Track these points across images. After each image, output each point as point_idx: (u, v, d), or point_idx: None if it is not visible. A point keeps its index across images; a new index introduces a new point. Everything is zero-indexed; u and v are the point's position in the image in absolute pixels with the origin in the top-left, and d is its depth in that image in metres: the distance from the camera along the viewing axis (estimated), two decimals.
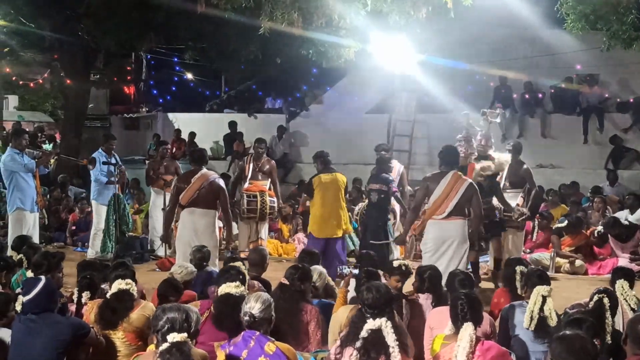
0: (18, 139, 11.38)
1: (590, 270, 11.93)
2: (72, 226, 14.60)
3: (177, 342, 4.39)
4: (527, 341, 6.00)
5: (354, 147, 18.62)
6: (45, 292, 5.50)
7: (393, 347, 4.75)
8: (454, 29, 16.38)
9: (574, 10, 11.40)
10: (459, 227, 8.68)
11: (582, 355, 4.26)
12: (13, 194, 11.18)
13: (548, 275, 6.54)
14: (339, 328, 5.98)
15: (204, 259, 8.33)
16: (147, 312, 6.02)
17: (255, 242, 11.69)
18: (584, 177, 16.75)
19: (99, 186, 12.36)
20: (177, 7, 14.02)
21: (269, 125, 20.91)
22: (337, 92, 21.72)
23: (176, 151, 21.31)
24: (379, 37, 13.28)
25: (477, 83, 19.89)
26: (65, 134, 20.85)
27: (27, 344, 5.38)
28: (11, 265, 7.77)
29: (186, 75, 26.21)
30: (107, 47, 18.26)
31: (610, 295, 6.07)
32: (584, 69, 18.74)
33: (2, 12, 17.20)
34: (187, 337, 4.47)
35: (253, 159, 12.11)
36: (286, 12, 10.92)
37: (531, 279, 6.34)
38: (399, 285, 7.08)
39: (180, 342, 4.40)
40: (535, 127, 18.38)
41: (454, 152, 9.35)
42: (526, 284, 6.43)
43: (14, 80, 25.54)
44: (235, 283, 6.01)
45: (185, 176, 9.92)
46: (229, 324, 5.59)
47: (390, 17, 11.43)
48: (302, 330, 6.35)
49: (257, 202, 11.76)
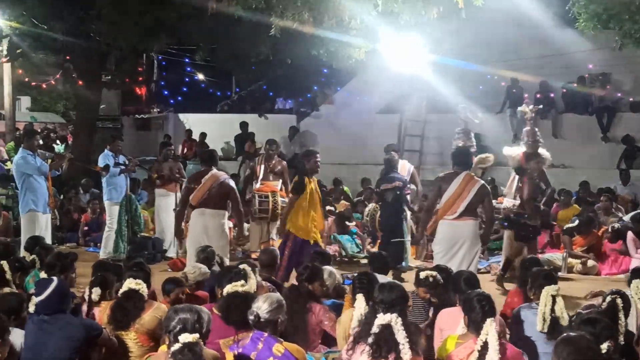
0: (30, 140, 11.41)
1: (603, 270, 11.88)
2: (84, 227, 14.64)
3: (189, 343, 4.41)
4: (539, 342, 5.97)
5: (365, 147, 18.64)
6: (58, 293, 5.52)
7: (403, 345, 4.73)
8: (465, 29, 16.35)
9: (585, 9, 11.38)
10: (470, 227, 8.66)
11: (590, 354, 4.25)
12: (25, 195, 11.20)
13: (554, 274, 6.48)
14: (343, 332, 5.98)
15: (208, 259, 8.32)
16: (159, 313, 6.02)
17: (266, 243, 11.70)
18: (596, 177, 16.67)
19: (112, 185, 12.41)
20: (188, 8, 14.04)
21: (280, 126, 20.93)
22: (348, 92, 21.74)
23: (187, 152, 21.39)
24: (390, 37, 13.28)
25: (489, 83, 19.85)
26: (77, 135, 20.90)
27: (39, 344, 5.40)
28: (26, 266, 7.80)
29: (197, 76, 26.24)
30: (119, 48, 18.29)
31: (623, 296, 6.03)
32: (596, 68, 18.67)
33: (15, 14, 17.25)
34: (198, 338, 4.48)
35: (264, 159, 12.13)
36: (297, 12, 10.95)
37: (538, 280, 6.30)
38: (427, 296, 6.90)
39: (192, 343, 4.41)
40: (546, 128, 18.28)
41: (467, 153, 9.37)
42: (533, 286, 6.37)
43: (26, 82, 25.68)
44: (241, 282, 6.03)
45: (196, 177, 9.92)
46: (237, 317, 5.61)
47: (401, 17, 11.44)
48: (311, 330, 6.35)
49: (269, 202, 11.77)
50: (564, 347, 4.27)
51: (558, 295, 6.02)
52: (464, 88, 17.98)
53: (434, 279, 6.84)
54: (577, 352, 4.21)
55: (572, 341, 4.31)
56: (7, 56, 20.24)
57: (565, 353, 4.23)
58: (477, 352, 5.00)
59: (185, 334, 4.46)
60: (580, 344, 4.27)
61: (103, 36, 17.35)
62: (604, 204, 13.65)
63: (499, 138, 18.20)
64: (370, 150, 17.68)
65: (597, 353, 4.29)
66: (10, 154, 19.55)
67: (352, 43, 13.53)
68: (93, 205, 14.81)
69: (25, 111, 27.85)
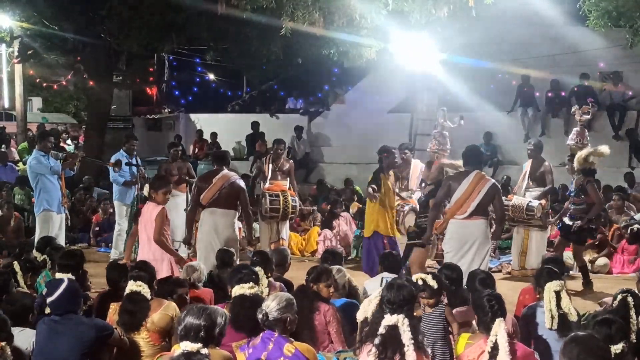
0: (43, 141, 11.51)
1: (615, 269, 11.83)
2: (95, 227, 14.68)
3: (187, 352, 4.38)
4: (551, 341, 5.96)
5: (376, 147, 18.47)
6: (68, 293, 5.53)
7: (408, 346, 4.71)
8: (475, 28, 16.28)
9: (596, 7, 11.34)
10: (480, 227, 8.64)
11: (600, 353, 4.23)
12: (40, 195, 11.31)
13: (557, 270, 6.44)
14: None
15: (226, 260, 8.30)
16: (170, 311, 6.06)
17: (276, 242, 11.69)
18: (607, 176, 16.57)
19: (120, 186, 12.46)
20: (199, 8, 14.06)
21: (291, 126, 20.90)
22: (359, 91, 21.70)
23: (198, 152, 21.42)
24: (401, 36, 13.27)
25: (500, 82, 19.77)
26: (89, 135, 20.99)
27: (50, 345, 5.42)
28: (37, 267, 7.83)
29: (208, 76, 26.29)
30: (130, 49, 18.34)
31: (634, 295, 6.00)
32: (607, 66, 18.56)
33: (26, 14, 17.33)
34: (200, 347, 4.41)
35: (272, 159, 12.12)
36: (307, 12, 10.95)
37: (541, 278, 6.28)
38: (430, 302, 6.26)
39: (190, 352, 4.37)
40: (558, 126, 18.20)
41: (478, 152, 9.32)
42: (538, 284, 6.33)
43: (37, 83, 25.83)
44: (249, 284, 6.01)
45: (207, 176, 9.93)
46: (246, 324, 5.58)
47: (411, 16, 11.43)
48: (320, 329, 6.35)
49: (280, 201, 11.73)
50: (574, 347, 4.24)
51: (562, 291, 6.00)
52: (475, 86, 17.96)
53: (424, 282, 6.02)
54: (588, 352, 4.18)
55: (581, 341, 4.28)
56: (18, 57, 20.38)
57: (575, 352, 4.21)
58: (487, 352, 4.99)
59: (185, 342, 4.43)
60: (590, 344, 4.24)
61: (114, 37, 17.41)
62: (616, 203, 13.57)
63: (511, 137, 18.23)
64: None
65: (606, 352, 4.28)
66: (22, 155, 19.65)
67: (362, 42, 13.53)
68: (104, 205, 14.86)
69: (36, 112, 28.01)
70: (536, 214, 10.86)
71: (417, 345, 4.74)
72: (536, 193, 11.18)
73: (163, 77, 27.08)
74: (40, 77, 25.37)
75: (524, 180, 11.36)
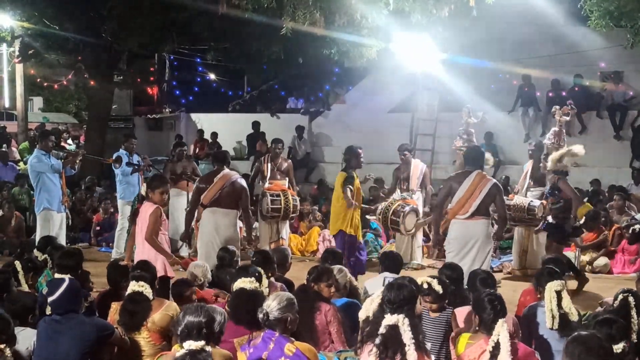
0: (44, 140, 11.54)
1: (615, 268, 11.82)
2: (96, 227, 14.68)
3: (192, 350, 4.39)
4: (552, 341, 5.95)
5: (377, 147, 18.60)
6: (69, 293, 5.54)
7: (409, 346, 4.71)
8: (476, 28, 16.30)
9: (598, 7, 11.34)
10: (482, 227, 8.64)
11: (602, 353, 4.24)
12: (40, 194, 11.31)
13: (557, 270, 6.44)
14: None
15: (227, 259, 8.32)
16: (171, 311, 6.06)
17: (276, 242, 11.68)
18: (608, 175, 16.58)
19: (125, 184, 12.46)
20: (200, 8, 14.07)
21: (292, 125, 20.91)
22: (360, 91, 21.72)
23: (199, 151, 21.41)
24: (401, 36, 13.28)
25: (501, 81, 19.79)
26: (89, 135, 21.01)
27: (51, 344, 5.41)
28: (38, 266, 7.83)
29: (209, 76, 26.31)
30: (130, 49, 18.36)
31: (635, 295, 6.00)
32: (608, 66, 18.57)
33: (27, 14, 17.35)
34: (204, 345, 4.44)
35: (270, 158, 12.10)
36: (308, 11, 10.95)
37: (542, 278, 6.27)
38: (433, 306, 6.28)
39: (195, 351, 4.39)
40: None
41: (479, 152, 9.32)
42: (539, 284, 6.32)
43: (38, 82, 25.84)
44: (250, 279, 6.05)
45: (208, 176, 9.92)
46: (245, 317, 5.60)
47: (412, 16, 11.44)
48: (320, 329, 6.35)
49: (281, 200, 11.72)
50: (576, 347, 4.25)
51: (563, 291, 6.00)
52: (476, 86, 17.94)
53: (429, 286, 6.08)
54: (589, 352, 4.19)
55: (583, 340, 4.29)
56: (19, 57, 20.38)
57: (577, 352, 4.22)
58: (488, 352, 4.99)
59: (189, 341, 4.44)
60: (592, 343, 4.25)
61: (114, 36, 17.42)
62: (616, 203, 13.56)
63: (511, 136, 18.22)
64: (382, 150, 17.64)
65: (608, 352, 4.28)
66: (23, 154, 19.66)
67: (363, 42, 13.53)
68: (105, 205, 14.86)
69: (37, 112, 28.03)
70: (537, 214, 10.86)
71: (418, 345, 4.74)
72: (537, 193, 11.19)
73: (164, 77, 27.09)
74: (41, 76, 25.40)
75: (525, 180, 11.38)
